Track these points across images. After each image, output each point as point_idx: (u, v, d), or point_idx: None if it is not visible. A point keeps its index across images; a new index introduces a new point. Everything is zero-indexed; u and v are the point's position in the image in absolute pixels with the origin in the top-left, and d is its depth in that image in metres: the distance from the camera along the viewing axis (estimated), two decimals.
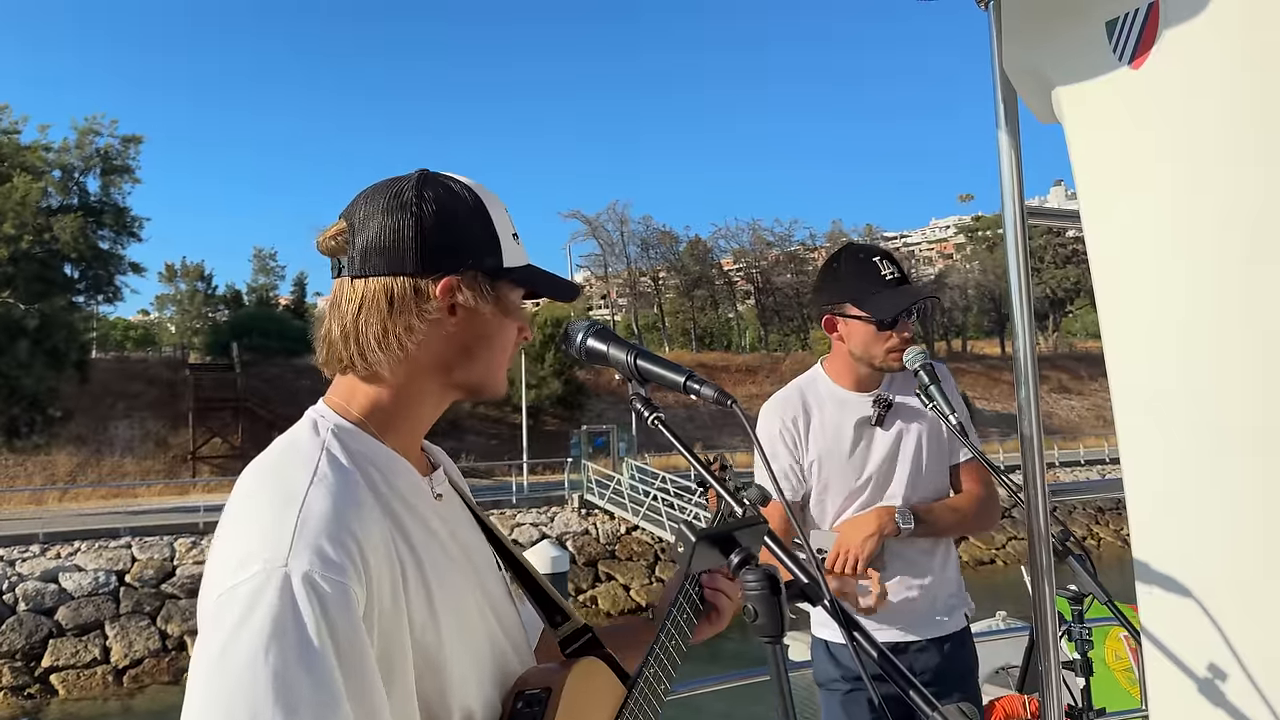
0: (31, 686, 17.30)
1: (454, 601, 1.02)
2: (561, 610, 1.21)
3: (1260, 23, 1.19)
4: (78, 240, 31.31)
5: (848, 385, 2.36)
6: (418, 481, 1.06)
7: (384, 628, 0.91)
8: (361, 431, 1.04)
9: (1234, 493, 1.23)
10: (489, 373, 1.11)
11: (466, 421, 37.57)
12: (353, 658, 0.85)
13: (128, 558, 20.81)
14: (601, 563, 24.28)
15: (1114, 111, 1.35)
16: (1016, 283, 1.47)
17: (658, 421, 1.18)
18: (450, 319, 1.05)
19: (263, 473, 0.98)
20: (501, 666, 1.09)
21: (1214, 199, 1.23)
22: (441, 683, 0.98)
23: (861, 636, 1.06)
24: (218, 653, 0.82)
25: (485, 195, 1.09)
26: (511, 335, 1.12)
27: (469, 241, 1.05)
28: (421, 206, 1.03)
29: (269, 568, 0.85)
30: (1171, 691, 1.30)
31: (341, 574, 0.86)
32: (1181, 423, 1.28)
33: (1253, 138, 1.19)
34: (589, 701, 1.08)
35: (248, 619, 0.82)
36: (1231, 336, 1.22)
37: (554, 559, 16.81)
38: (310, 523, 0.89)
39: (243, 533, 0.90)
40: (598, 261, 59.85)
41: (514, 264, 1.08)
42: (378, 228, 1.03)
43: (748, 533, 1.09)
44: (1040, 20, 1.46)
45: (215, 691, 0.81)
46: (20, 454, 31.51)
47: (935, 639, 2.30)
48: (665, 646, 1.18)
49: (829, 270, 2.38)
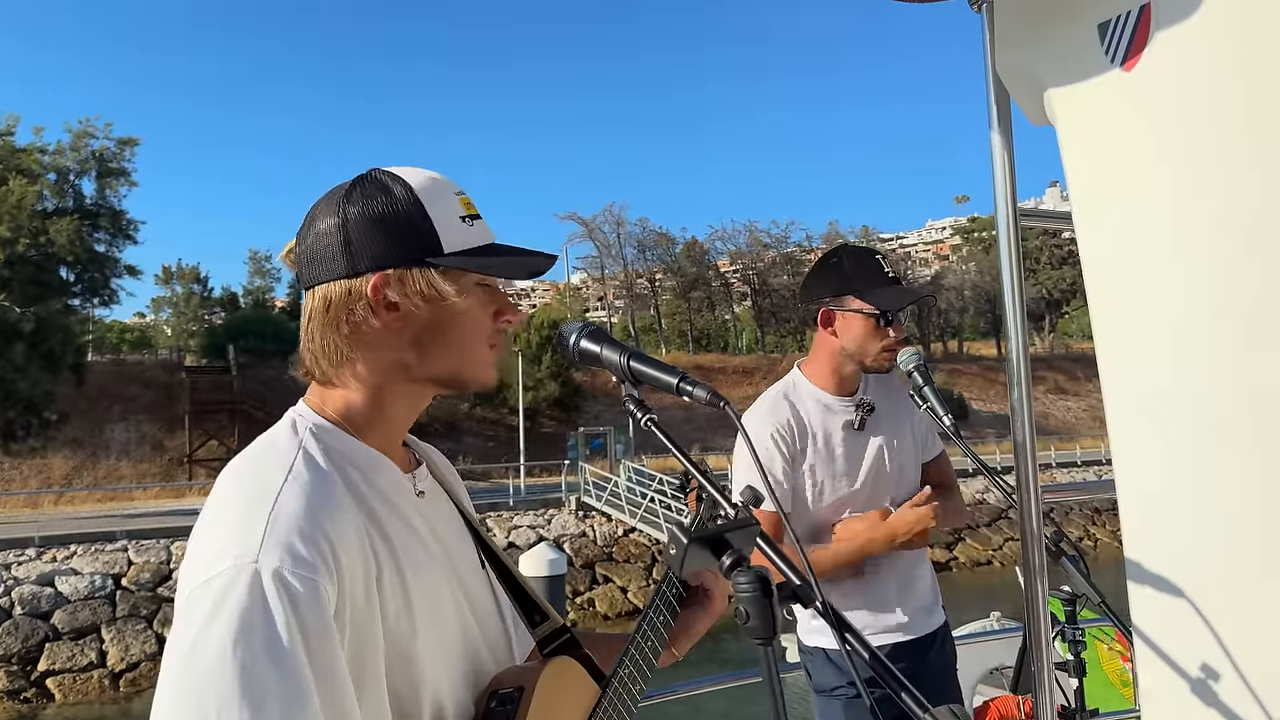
0: (28, 691, 17.24)
1: (430, 597, 1.01)
2: (540, 610, 1.21)
3: (1253, 25, 1.19)
4: (73, 243, 31.30)
5: (829, 389, 2.33)
6: (399, 479, 1.06)
7: (357, 625, 0.91)
8: (340, 430, 1.04)
9: (1227, 494, 1.23)
10: (458, 363, 1.07)
11: (463, 424, 37.53)
12: (322, 655, 0.85)
13: (124, 561, 20.76)
14: (599, 565, 24.26)
15: (1106, 113, 1.35)
16: (1010, 284, 1.47)
17: (651, 423, 1.18)
18: (390, 315, 1.03)
19: (239, 472, 0.98)
20: (475, 665, 1.09)
21: (1208, 200, 1.23)
22: (413, 677, 0.98)
23: (853, 638, 1.06)
24: (187, 647, 0.82)
25: (426, 184, 1.06)
26: (475, 322, 1.07)
27: (397, 236, 1.02)
28: (346, 210, 1.03)
29: (239, 564, 0.85)
30: (1163, 692, 1.30)
31: (312, 571, 0.86)
32: (1176, 423, 1.28)
33: (1246, 139, 1.20)
34: (562, 700, 1.08)
35: (217, 614, 0.83)
36: (1225, 337, 1.23)
37: (551, 561, 16.79)
38: (282, 520, 0.89)
39: (215, 530, 0.91)
40: (594, 263, 59.93)
41: (461, 249, 1.04)
42: (312, 237, 1.05)
43: (739, 534, 1.10)
44: (1033, 22, 1.46)
45: (184, 686, 0.81)
46: (16, 457, 31.46)
47: (918, 638, 2.29)
48: (641, 647, 1.18)
49: (829, 264, 2.35)
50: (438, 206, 1.05)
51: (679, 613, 1.29)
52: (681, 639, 1.31)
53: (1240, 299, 1.20)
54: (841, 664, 2.23)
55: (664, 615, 1.25)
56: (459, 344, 1.07)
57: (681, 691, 2.50)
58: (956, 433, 2.01)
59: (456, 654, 1.06)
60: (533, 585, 1.23)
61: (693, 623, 1.32)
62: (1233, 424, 1.22)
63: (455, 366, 1.07)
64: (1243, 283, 1.20)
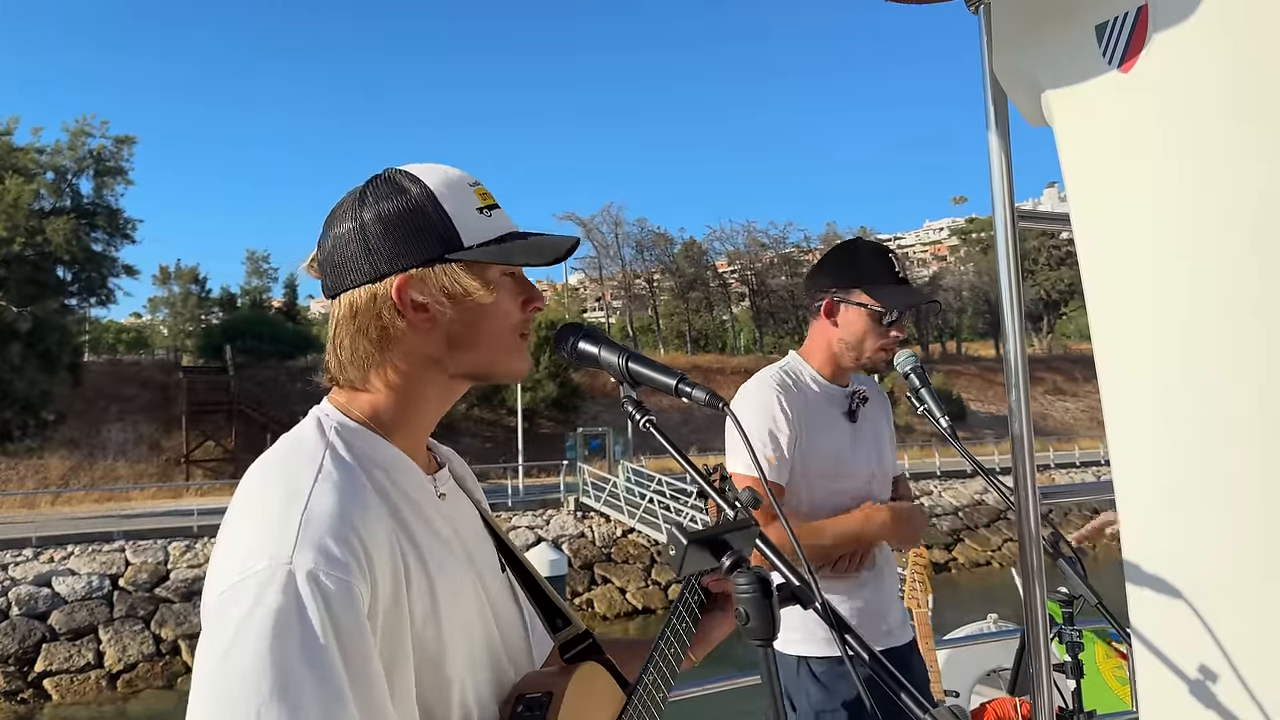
0: (24, 692, 17.21)
1: (455, 599, 1.01)
2: (563, 614, 1.20)
3: (1251, 23, 1.19)
4: (70, 242, 31.25)
5: (827, 376, 2.33)
6: (422, 480, 1.06)
7: (387, 626, 0.91)
8: (366, 430, 1.04)
9: (1228, 494, 1.23)
10: (490, 357, 1.07)
11: (461, 424, 37.50)
12: (357, 656, 0.84)
13: (121, 562, 20.73)
14: (598, 565, 24.25)
15: (1104, 114, 1.36)
16: (1007, 285, 1.47)
17: (649, 425, 1.17)
18: (418, 315, 1.03)
19: (268, 470, 0.97)
20: (498, 668, 1.08)
21: (1210, 199, 1.23)
22: (441, 680, 0.98)
23: (854, 640, 1.06)
24: (222, 650, 0.82)
25: (439, 179, 1.05)
26: (505, 312, 1.07)
27: (415, 235, 1.02)
28: (361, 214, 1.03)
29: (274, 564, 0.85)
30: (1162, 692, 1.30)
31: (346, 572, 0.86)
32: (1177, 422, 1.28)
33: (1247, 138, 1.20)
34: (590, 706, 1.08)
35: (252, 616, 0.82)
36: (1227, 334, 1.23)
37: (552, 562, 16.78)
38: (315, 520, 0.88)
39: (247, 529, 0.90)
40: (592, 264, 59.91)
41: (481, 240, 1.03)
42: (330, 245, 1.05)
43: (739, 535, 1.09)
44: (1030, 24, 1.46)
45: (220, 689, 0.80)
46: (12, 457, 31.40)
47: (902, 645, 2.28)
48: (664, 653, 1.18)
49: (843, 253, 2.31)
50: (453, 200, 1.04)
51: (700, 619, 1.29)
52: (699, 645, 1.31)
53: (1246, 298, 1.20)
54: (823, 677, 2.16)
55: (686, 622, 1.25)
56: (490, 336, 1.06)
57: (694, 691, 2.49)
58: (953, 435, 2.01)
59: (481, 657, 1.05)
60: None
61: (711, 629, 1.32)
62: (1236, 423, 1.22)
63: (488, 359, 1.07)
64: (1248, 281, 1.20)
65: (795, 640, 2.18)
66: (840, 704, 2.13)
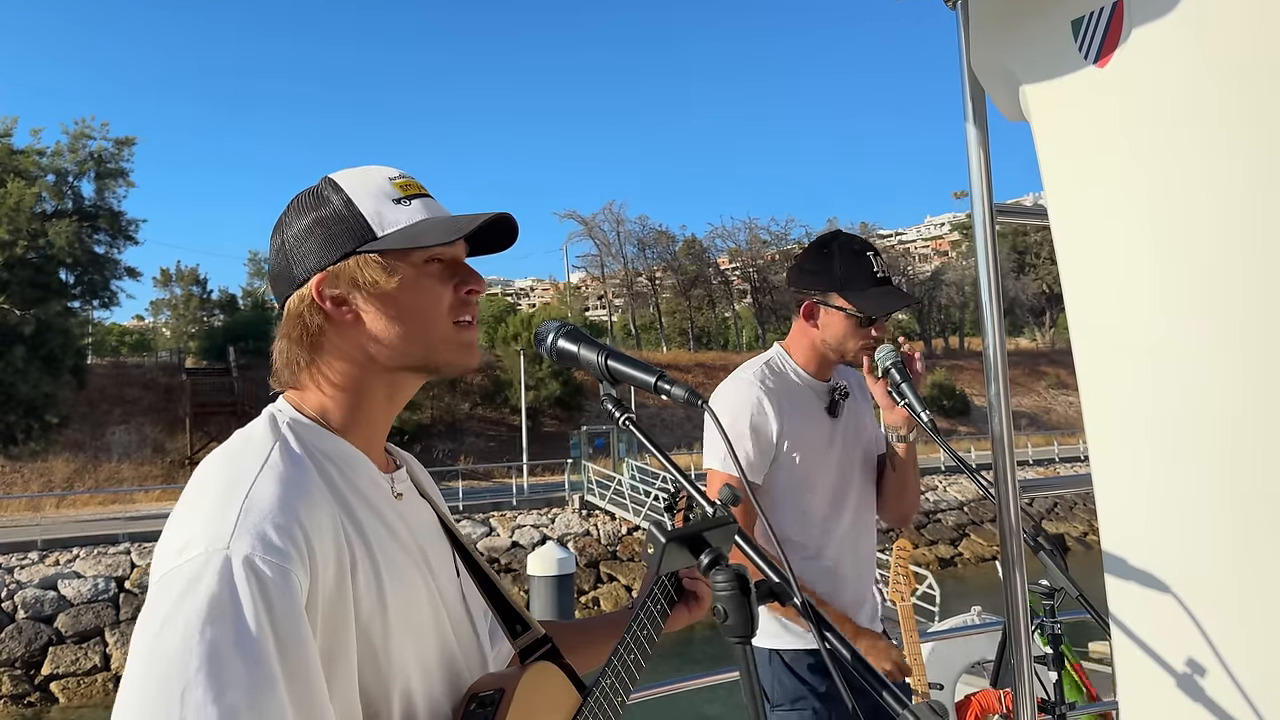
0: (31, 695, 17.28)
1: (405, 597, 1.02)
2: (522, 620, 1.20)
3: (1226, 20, 1.20)
4: (72, 245, 31.32)
5: (810, 371, 2.35)
6: (375, 476, 1.07)
7: (328, 616, 0.92)
8: (319, 427, 1.05)
9: (1202, 483, 1.24)
10: (424, 348, 1.06)
11: (465, 423, 37.52)
12: (291, 642, 0.85)
13: (127, 564, 20.78)
14: (603, 564, 24.29)
15: (1080, 109, 1.36)
16: (986, 279, 1.48)
17: (628, 423, 1.18)
18: (339, 311, 1.05)
19: (215, 462, 0.99)
20: (450, 668, 1.09)
21: (1183, 195, 1.24)
22: (385, 675, 0.98)
23: (833, 636, 1.06)
24: (155, 632, 0.83)
25: (354, 178, 1.07)
26: (430, 297, 1.06)
27: (328, 236, 1.05)
28: (284, 230, 1.09)
29: (210, 550, 0.86)
30: (1141, 680, 1.31)
31: (284, 559, 0.87)
32: (1152, 417, 1.29)
33: (1221, 135, 1.20)
34: (542, 702, 1.08)
35: (186, 598, 0.83)
36: (1201, 327, 1.23)
37: (560, 561, 16.71)
38: (255, 508, 0.90)
39: (189, 517, 0.91)
40: (594, 261, 59.93)
41: (394, 229, 1.04)
42: (271, 260, 1.11)
43: (718, 533, 1.10)
44: (1007, 19, 1.46)
45: (149, 668, 0.81)
46: (17, 461, 31.47)
47: None
48: (624, 659, 1.19)
49: (819, 255, 2.29)
50: (365, 194, 1.06)
51: (661, 627, 1.30)
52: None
53: (1219, 291, 1.21)
54: (798, 668, 2.18)
55: (647, 629, 1.25)
56: (418, 323, 1.05)
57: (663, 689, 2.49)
58: (934, 430, 2.01)
59: (432, 653, 1.06)
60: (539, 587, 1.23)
61: (671, 621, 1.33)
62: (1208, 418, 1.23)
63: (422, 350, 1.07)
64: (1220, 276, 1.21)
65: (768, 634, 2.19)
66: (814, 693, 2.16)
